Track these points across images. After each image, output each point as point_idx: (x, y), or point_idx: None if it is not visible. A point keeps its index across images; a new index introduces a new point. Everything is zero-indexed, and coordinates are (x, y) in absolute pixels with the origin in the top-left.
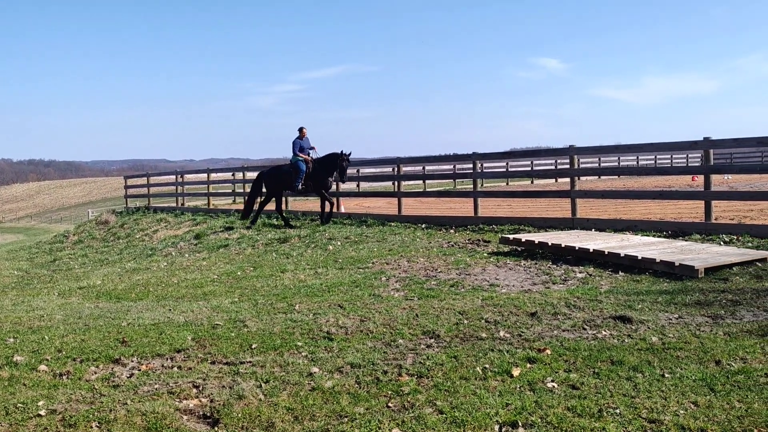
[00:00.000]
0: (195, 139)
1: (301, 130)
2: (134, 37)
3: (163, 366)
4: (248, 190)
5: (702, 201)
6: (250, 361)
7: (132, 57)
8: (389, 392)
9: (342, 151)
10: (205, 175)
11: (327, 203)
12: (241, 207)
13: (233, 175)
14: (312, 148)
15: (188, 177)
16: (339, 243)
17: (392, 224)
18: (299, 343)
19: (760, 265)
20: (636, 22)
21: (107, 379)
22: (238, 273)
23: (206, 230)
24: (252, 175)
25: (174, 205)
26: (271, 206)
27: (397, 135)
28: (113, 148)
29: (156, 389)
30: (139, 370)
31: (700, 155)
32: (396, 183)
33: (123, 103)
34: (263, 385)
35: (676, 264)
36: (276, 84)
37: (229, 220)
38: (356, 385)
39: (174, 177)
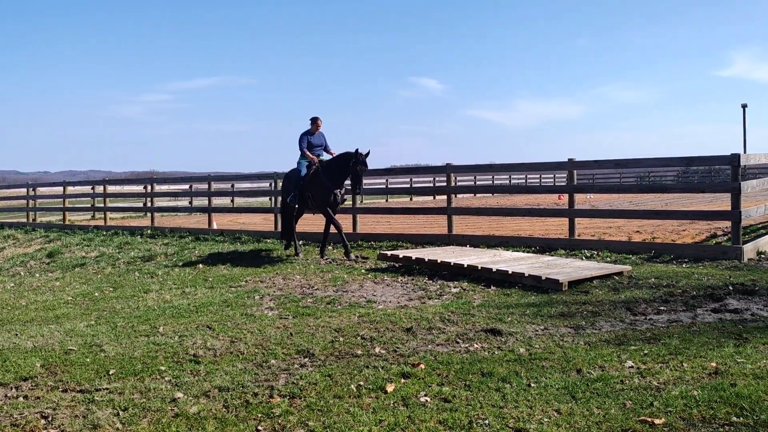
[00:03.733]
0: (51, 149)
1: (314, 121)
2: None
3: (6, 396)
4: (109, 204)
5: (567, 218)
6: (107, 388)
7: None
8: (259, 415)
9: (357, 150)
10: (61, 188)
11: (332, 225)
12: (102, 222)
13: (93, 188)
14: (326, 150)
15: (41, 190)
16: (210, 261)
17: (268, 241)
18: (162, 368)
19: (617, 278)
20: (509, 48)
21: None
22: (96, 294)
23: (61, 248)
24: (113, 188)
25: (24, 220)
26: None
27: (275, 150)
28: None
29: None
30: None
31: (565, 175)
32: (273, 198)
33: None
34: (121, 413)
35: (543, 278)
36: (143, 93)
37: (87, 237)
38: (224, 410)
39: (25, 190)
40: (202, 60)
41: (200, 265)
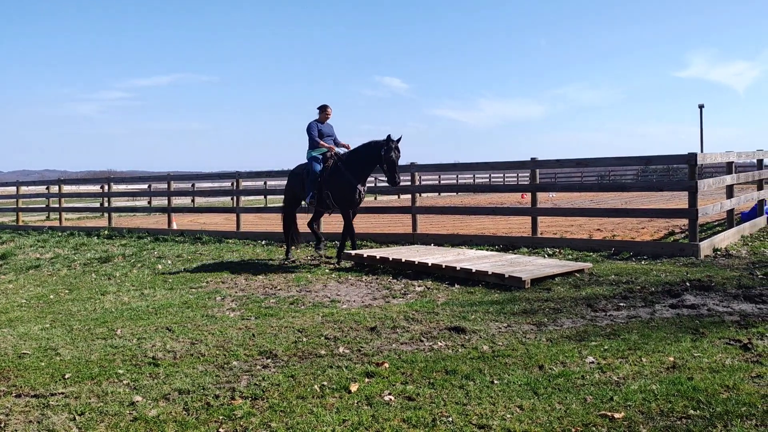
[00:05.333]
0: (3, 148)
1: (323, 109)
2: None
3: None
4: (65, 204)
5: (529, 217)
6: (62, 393)
7: None
8: (221, 417)
9: (389, 136)
10: (14, 188)
11: (348, 227)
12: (57, 223)
13: (48, 188)
14: (336, 143)
15: None
16: (170, 262)
17: (230, 241)
18: (120, 371)
19: (578, 275)
20: (472, 47)
21: None
22: (51, 296)
23: (14, 249)
24: (69, 188)
25: None
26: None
27: (237, 149)
28: None
29: None
30: None
31: (528, 174)
32: (235, 198)
33: None
34: (77, 417)
35: (506, 276)
36: (99, 90)
37: (42, 238)
38: (184, 412)
39: None
40: (161, 56)
41: (159, 266)
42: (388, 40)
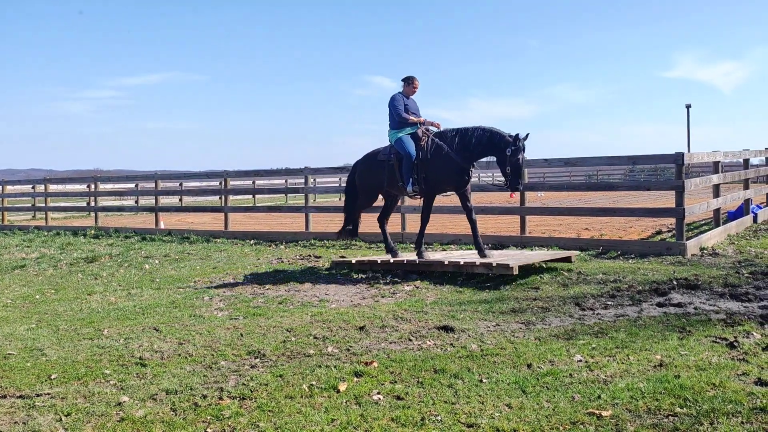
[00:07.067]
0: None
1: (410, 81)
2: None
3: None
4: (51, 203)
5: (518, 216)
6: (48, 393)
7: None
8: (209, 417)
9: (518, 135)
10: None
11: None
12: (43, 222)
13: (33, 187)
14: (427, 122)
15: None
16: (157, 261)
17: (218, 240)
18: (107, 371)
19: (566, 274)
20: (463, 47)
21: None
22: (37, 296)
23: None
24: (55, 187)
25: None
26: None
27: (225, 149)
28: None
29: None
30: None
31: None
32: (223, 197)
33: None
34: (64, 418)
35: (494, 264)
36: (87, 89)
37: (28, 237)
38: (172, 413)
39: None
40: (151, 55)
41: (146, 266)
42: (378, 40)
